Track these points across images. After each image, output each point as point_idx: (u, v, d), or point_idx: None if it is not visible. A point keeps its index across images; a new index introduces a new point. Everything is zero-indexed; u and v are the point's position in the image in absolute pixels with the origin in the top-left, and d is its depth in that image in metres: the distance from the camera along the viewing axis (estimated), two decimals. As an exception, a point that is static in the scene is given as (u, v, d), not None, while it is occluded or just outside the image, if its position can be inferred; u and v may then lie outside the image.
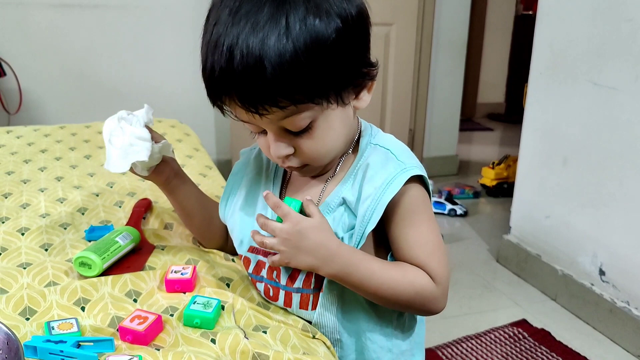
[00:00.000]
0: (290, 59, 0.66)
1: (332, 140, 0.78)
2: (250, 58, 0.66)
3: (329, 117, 0.75)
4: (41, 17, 2.76)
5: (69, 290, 0.83)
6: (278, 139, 0.75)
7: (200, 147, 1.60)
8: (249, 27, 0.67)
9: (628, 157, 1.81)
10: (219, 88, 0.71)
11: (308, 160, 0.78)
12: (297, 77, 0.68)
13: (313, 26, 0.67)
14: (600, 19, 1.88)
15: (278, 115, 0.70)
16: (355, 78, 0.75)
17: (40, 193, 1.21)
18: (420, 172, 0.79)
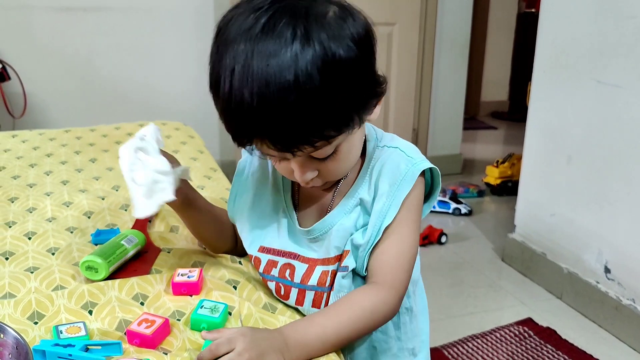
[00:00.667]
0: (326, 94, 0.67)
1: (353, 158, 0.80)
2: (285, 102, 0.65)
3: (351, 139, 0.77)
4: (45, 20, 2.77)
5: (76, 294, 0.84)
6: (304, 166, 0.76)
7: (204, 149, 1.61)
8: (276, 68, 0.65)
9: (632, 155, 1.80)
10: (250, 130, 0.69)
11: (330, 179, 0.81)
12: (330, 112, 0.69)
13: (338, 54, 0.67)
14: (603, 16, 1.87)
15: (307, 152, 0.72)
16: (372, 98, 0.76)
17: (46, 197, 1.22)
18: (429, 164, 0.82)
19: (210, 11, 2.97)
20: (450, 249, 2.56)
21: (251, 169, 0.94)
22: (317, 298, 0.84)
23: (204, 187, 1.31)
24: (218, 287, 0.87)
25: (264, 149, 0.72)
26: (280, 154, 0.72)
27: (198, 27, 2.98)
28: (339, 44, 0.68)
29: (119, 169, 1.39)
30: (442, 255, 2.49)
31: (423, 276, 0.92)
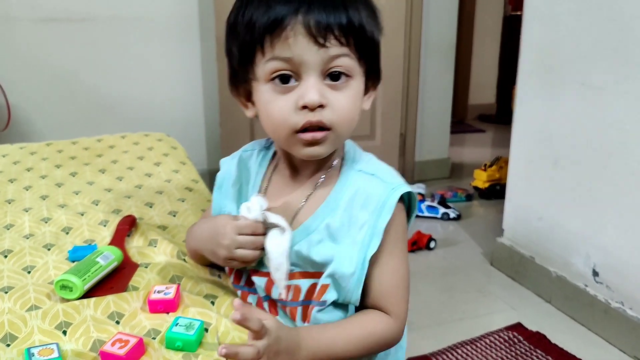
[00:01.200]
0: (361, 14, 0.77)
1: (356, 110, 0.81)
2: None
3: (359, 85, 0.80)
4: (28, 31, 2.75)
5: (50, 314, 0.82)
6: (319, 85, 0.76)
7: (187, 160, 1.59)
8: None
9: (618, 157, 1.80)
10: (290, 8, 0.73)
11: (336, 119, 0.77)
12: (363, 27, 0.77)
13: (374, 15, 0.81)
14: (585, 20, 1.88)
15: (334, 50, 0.75)
16: (376, 66, 0.84)
17: (24, 213, 1.20)
18: (408, 188, 0.82)
19: (195, 21, 2.96)
20: (439, 255, 2.55)
21: (230, 180, 0.93)
22: (292, 311, 0.85)
23: (185, 200, 1.30)
24: (195, 304, 0.85)
25: (293, 39, 0.74)
26: (310, 44, 0.73)
27: (183, 37, 2.97)
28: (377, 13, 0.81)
29: (99, 183, 1.38)
30: (431, 261, 2.48)
31: (413, 283, 0.92)
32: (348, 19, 0.74)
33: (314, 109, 0.75)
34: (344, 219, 0.81)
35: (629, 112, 1.75)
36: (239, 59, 0.80)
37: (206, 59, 2.99)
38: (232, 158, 0.96)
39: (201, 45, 2.99)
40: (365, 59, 0.79)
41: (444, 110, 3.53)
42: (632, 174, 1.76)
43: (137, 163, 1.55)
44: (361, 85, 0.81)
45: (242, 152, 0.96)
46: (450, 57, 3.44)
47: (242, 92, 0.84)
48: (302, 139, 0.78)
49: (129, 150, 1.63)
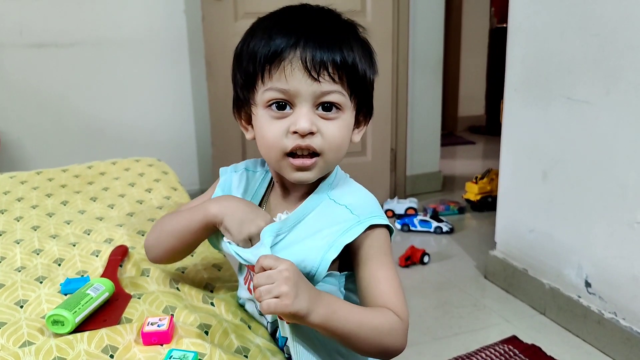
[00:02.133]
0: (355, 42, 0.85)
1: (344, 140, 0.86)
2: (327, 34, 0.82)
3: (349, 118, 0.86)
4: (17, 58, 2.76)
5: (44, 350, 0.82)
6: (310, 114, 0.82)
7: (178, 186, 1.60)
8: (328, 28, 0.84)
9: (605, 169, 1.82)
10: (290, 42, 0.80)
11: (325, 146, 0.83)
12: (355, 65, 0.83)
13: (367, 54, 0.88)
14: (569, 34, 1.90)
15: (326, 86, 0.81)
16: (368, 103, 0.90)
17: (16, 245, 1.20)
18: (377, 221, 0.85)
19: (184, 43, 2.98)
20: (433, 269, 2.55)
21: (236, 189, 0.98)
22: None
23: (177, 226, 1.30)
24: (189, 334, 0.86)
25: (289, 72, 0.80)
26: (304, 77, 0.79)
27: (172, 59, 2.98)
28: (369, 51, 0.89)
29: (90, 212, 1.38)
30: (425, 276, 2.49)
31: (407, 298, 0.92)
32: (342, 58, 0.81)
33: (304, 136, 0.82)
34: (304, 229, 0.86)
35: (615, 125, 1.77)
36: (242, 86, 0.87)
37: (196, 80, 3.01)
38: (235, 170, 1.01)
39: (191, 67, 3.01)
40: (356, 96, 0.85)
41: (434, 124, 3.55)
42: (619, 186, 1.77)
43: (129, 190, 1.55)
44: (351, 119, 0.87)
45: (246, 169, 1.01)
46: (438, 71, 3.47)
47: (243, 116, 0.92)
48: (292, 163, 0.84)
49: (119, 176, 1.64)
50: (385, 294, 0.83)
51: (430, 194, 3.58)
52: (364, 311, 0.81)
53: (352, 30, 0.87)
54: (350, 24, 0.88)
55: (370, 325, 0.80)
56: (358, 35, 0.87)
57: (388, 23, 3.15)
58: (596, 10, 1.79)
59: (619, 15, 1.72)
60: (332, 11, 0.88)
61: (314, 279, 0.84)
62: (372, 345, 0.81)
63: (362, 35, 0.89)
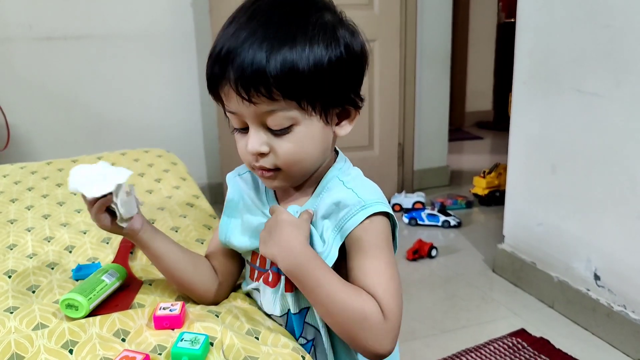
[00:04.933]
0: (292, 57, 0.73)
1: (306, 151, 0.80)
2: (257, 46, 0.73)
3: (309, 127, 0.79)
4: (25, 51, 2.77)
5: (56, 332, 0.83)
6: (258, 134, 0.79)
7: (187, 176, 1.60)
8: (269, 30, 0.74)
9: (615, 161, 1.81)
10: (220, 67, 0.76)
11: (280, 163, 0.80)
12: (293, 74, 0.74)
13: (320, 43, 0.76)
14: (578, 26, 1.90)
15: (264, 107, 0.75)
16: (342, 100, 0.82)
17: (27, 233, 1.21)
18: (381, 208, 0.80)
19: (192, 37, 2.98)
20: (441, 263, 2.55)
21: (240, 200, 0.95)
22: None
23: (187, 215, 1.31)
24: (200, 318, 0.86)
25: (229, 96, 0.77)
26: (238, 103, 0.75)
27: (180, 53, 2.99)
28: (330, 39, 0.77)
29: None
30: (433, 269, 2.49)
31: (415, 291, 0.90)
32: (273, 72, 0.73)
33: (255, 155, 0.80)
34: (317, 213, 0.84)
35: (625, 117, 1.76)
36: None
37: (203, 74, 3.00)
38: (238, 175, 0.97)
39: (198, 61, 3.01)
40: (312, 101, 0.77)
41: (442, 119, 3.55)
42: (629, 178, 1.77)
43: (138, 180, 1.55)
44: (315, 126, 0.79)
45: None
46: (445, 66, 3.47)
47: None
48: (258, 174, 0.85)
49: (129, 167, 1.64)
50: (372, 288, 0.78)
51: (438, 188, 3.58)
52: (342, 286, 0.77)
53: (298, 22, 0.76)
54: (303, 9, 0.78)
55: (343, 304, 0.76)
56: (308, 22, 0.77)
57: (396, 17, 3.15)
58: (606, 2, 1.78)
59: (629, 6, 1.71)
60: (283, 4, 0.78)
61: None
62: (343, 330, 0.78)
63: (319, 17, 0.78)
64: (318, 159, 0.84)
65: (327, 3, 0.82)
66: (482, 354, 1.85)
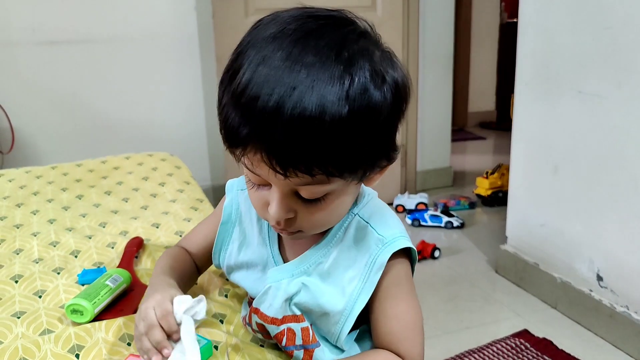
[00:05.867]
0: (343, 128, 0.60)
1: (336, 215, 0.72)
2: (302, 115, 0.58)
3: (345, 193, 0.70)
4: (29, 55, 2.78)
5: (63, 337, 0.84)
6: (286, 201, 0.67)
7: (191, 180, 1.61)
8: (308, 81, 0.59)
9: (617, 162, 1.82)
10: (250, 135, 0.61)
11: (304, 228, 0.71)
12: (343, 148, 0.61)
13: (372, 95, 0.62)
14: (580, 28, 1.90)
15: (300, 181, 0.63)
16: (384, 158, 0.70)
17: (33, 237, 1.22)
18: (403, 244, 0.75)
19: (195, 40, 2.99)
20: (444, 263, 2.56)
21: (237, 216, 0.89)
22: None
23: (191, 219, 1.32)
24: (205, 323, 0.87)
25: (255, 161, 0.63)
26: (271, 172, 0.62)
27: (183, 56, 3.00)
28: (378, 84, 0.62)
29: (105, 205, 1.40)
30: (436, 270, 2.49)
31: (418, 292, 0.89)
32: (320, 157, 0.61)
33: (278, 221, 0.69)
34: (334, 263, 0.76)
35: (627, 118, 1.77)
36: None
37: (207, 76, 3.02)
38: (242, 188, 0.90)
39: (202, 63, 3.02)
40: (355, 176, 0.67)
41: (444, 120, 3.55)
42: (631, 179, 1.77)
43: (142, 184, 1.57)
44: (348, 190, 0.70)
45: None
46: (448, 66, 3.47)
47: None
48: (277, 231, 0.75)
49: (133, 171, 1.66)
50: (393, 334, 0.75)
51: (441, 189, 3.58)
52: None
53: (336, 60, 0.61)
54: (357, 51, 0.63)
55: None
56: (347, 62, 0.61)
57: (398, 18, 3.16)
58: (607, 3, 1.79)
59: (630, 8, 1.72)
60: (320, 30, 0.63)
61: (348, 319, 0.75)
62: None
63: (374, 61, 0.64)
64: (344, 215, 0.75)
65: (361, 26, 0.68)
66: (485, 355, 1.86)
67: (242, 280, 0.88)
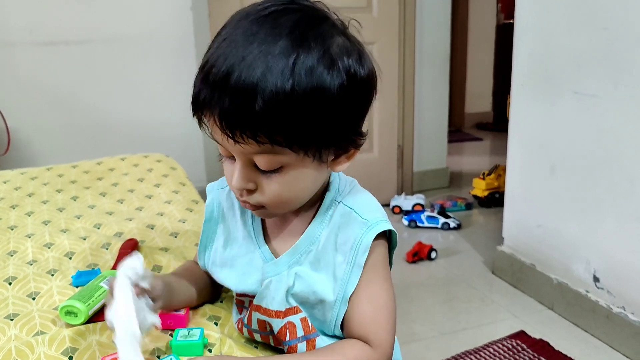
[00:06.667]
0: (284, 98, 0.64)
1: (296, 192, 0.74)
2: (246, 82, 0.64)
3: (301, 168, 0.72)
4: (26, 56, 2.77)
5: (57, 340, 0.83)
6: (244, 171, 0.72)
7: (186, 181, 1.61)
8: (257, 52, 0.65)
9: (614, 163, 1.82)
10: (205, 100, 0.68)
11: (266, 203, 0.74)
12: (284, 119, 0.65)
13: (319, 75, 0.66)
14: (577, 29, 1.90)
15: (252, 148, 0.67)
16: (341, 141, 0.73)
17: (27, 239, 1.22)
18: (386, 226, 0.77)
19: (191, 40, 2.99)
20: (440, 265, 2.56)
21: (220, 213, 0.90)
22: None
23: (186, 221, 1.31)
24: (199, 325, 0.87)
25: (213, 129, 0.70)
26: (223, 139, 0.68)
27: (179, 56, 2.99)
28: (329, 67, 0.67)
29: (100, 206, 1.40)
30: (432, 272, 2.49)
31: (415, 293, 0.89)
32: (262, 121, 0.65)
33: (240, 190, 0.74)
34: (323, 250, 0.78)
35: (623, 119, 1.77)
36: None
37: (203, 78, 3.02)
38: (221, 186, 0.92)
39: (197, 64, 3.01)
40: (305, 150, 0.70)
41: (441, 120, 3.55)
42: (628, 180, 1.77)
43: (137, 185, 1.56)
44: (307, 167, 0.72)
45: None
46: (445, 67, 3.47)
47: None
48: (243, 205, 0.78)
49: (128, 172, 1.65)
50: (364, 316, 0.75)
51: (438, 190, 3.58)
52: (324, 357, 0.74)
53: (298, 42, 0.66)
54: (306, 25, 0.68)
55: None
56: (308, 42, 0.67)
57: (394, 19, 3.16)
58: (604, 3, 1.79)
59: (627, 8, 1.72)
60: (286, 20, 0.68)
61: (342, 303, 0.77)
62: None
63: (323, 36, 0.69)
64: (307, 197, 0.77)
65: (330, 17, 0.73)
66: (482, 356, 1.85)
67: (226, 278, 0.86)
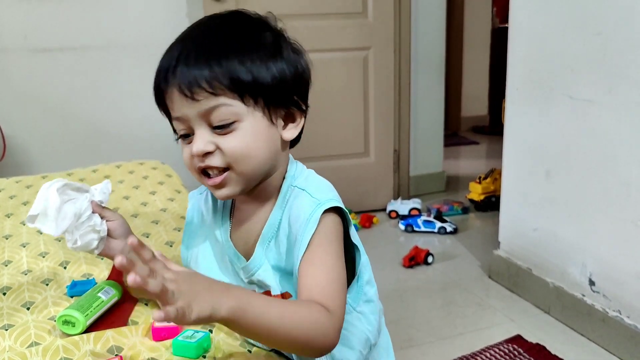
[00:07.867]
0: (234, 50, 0.79)
1: (252, 146, 0.81)
2: (201, 54, 0.79)
3: (253, 123, 0.81)
4: (21, 63, 2.78)
5: (51, 350, 0.83)
6: (203, 134, 0.80)
7: (182, 188, 1.61)
8: (215, 45, 0.80)
9: (608, 166, 1.83)
10: (165, 78, 0.80)
11: (228, 160, 0.81)
12: (235, 66, 0.78)
13: (262, 52, 0.81)
14: (571, 33, 1.91)
15: (207, 103, 0.78)
16: (286, 99, 0.84)
17: (22, 248, 1.21)
18: (334, 203, 0.83)
19: (186, 45, 2.99)
20: (437, 269, 2.56)
21: (200, 216, 0.97)
22: None
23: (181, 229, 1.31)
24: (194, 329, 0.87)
25: (173, 100, 0.80)
26: (182, 104, 0.79)
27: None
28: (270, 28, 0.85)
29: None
30: (429, 276, 2.49)
31: (412, 298, 0.91)
32: (214, 69, 0.78)
33: (202, 157, 0.81)
34: (283, 231, 0.86)
35: (618, 123, 1.77)
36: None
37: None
38: (200, 192, 1.00)
39: (193, 70, 3.02)
40: (255, 99, 0.81)
41: (437, 124, 3.56)
42: (623, 184, 1.78)
43: (133, 192, 1.56)
44: (259, 123, 0.82)
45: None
46: (440, 71, 3.48)
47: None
48: (209, 184, 0.84)
49: (124, 179, 1.65)
50: (317, 283, 0.78)
51: (434, 194, 3.58)
52: (283, 305, 0.75)
53: (241, 36, 0.82)
54: (247, 27, 0.84)
55: (291, 320, 0.72)
56: (251, 38, 0.82)
57: (390, 23, 3.16)
58: (598, 8, 1.80)
59: (620, 13, 1.72)
60: (231, 20, 0.85)
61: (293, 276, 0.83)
62: (293, 343, 0.75)
63: (264, 37, 0.84)
64: (266, 159, 0.84)
65: (269, 23, 0.86)
66: (478, 361, 1.85)
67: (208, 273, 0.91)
